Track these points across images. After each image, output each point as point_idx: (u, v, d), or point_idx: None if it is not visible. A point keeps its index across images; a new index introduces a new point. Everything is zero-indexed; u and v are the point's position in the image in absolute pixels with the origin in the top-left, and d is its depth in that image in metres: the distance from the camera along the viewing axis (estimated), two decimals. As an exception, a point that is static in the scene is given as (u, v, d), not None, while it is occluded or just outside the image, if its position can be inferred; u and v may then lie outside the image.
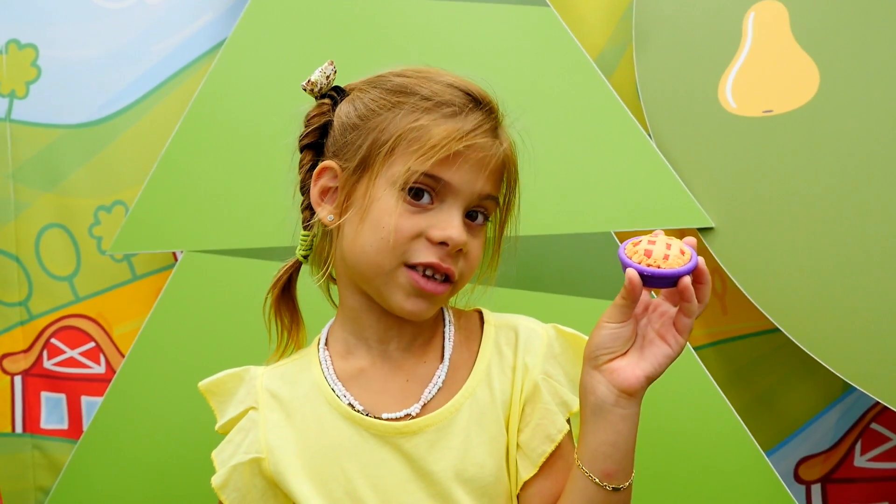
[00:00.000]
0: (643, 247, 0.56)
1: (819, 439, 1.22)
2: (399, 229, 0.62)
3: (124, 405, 1.20)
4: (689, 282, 0.55)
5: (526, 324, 0.71)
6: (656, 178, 1.13)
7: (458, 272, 0.64)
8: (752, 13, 1.11)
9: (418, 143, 0.62)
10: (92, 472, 1.20)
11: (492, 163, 0.64)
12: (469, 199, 0.64)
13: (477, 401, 0.66)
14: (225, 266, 1.19)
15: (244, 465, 0.67)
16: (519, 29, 1.17)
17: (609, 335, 0.58)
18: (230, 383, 0.72)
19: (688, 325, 0.57)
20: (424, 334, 0.69)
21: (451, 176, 0.62)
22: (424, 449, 0.64)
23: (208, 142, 1.22)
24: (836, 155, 1.05)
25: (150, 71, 1.31)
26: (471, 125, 0.63)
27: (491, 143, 0.64)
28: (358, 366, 0.68)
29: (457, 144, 0.61)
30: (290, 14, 1.23)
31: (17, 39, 1.32)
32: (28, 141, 1.32)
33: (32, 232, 1.32)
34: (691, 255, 0.56)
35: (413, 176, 0.61)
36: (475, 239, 0.66)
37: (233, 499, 0.68)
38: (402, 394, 0.67)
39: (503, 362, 0.68)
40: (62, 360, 1.32)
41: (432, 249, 0.62)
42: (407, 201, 0.62)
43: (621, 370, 0.58)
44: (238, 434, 0.69)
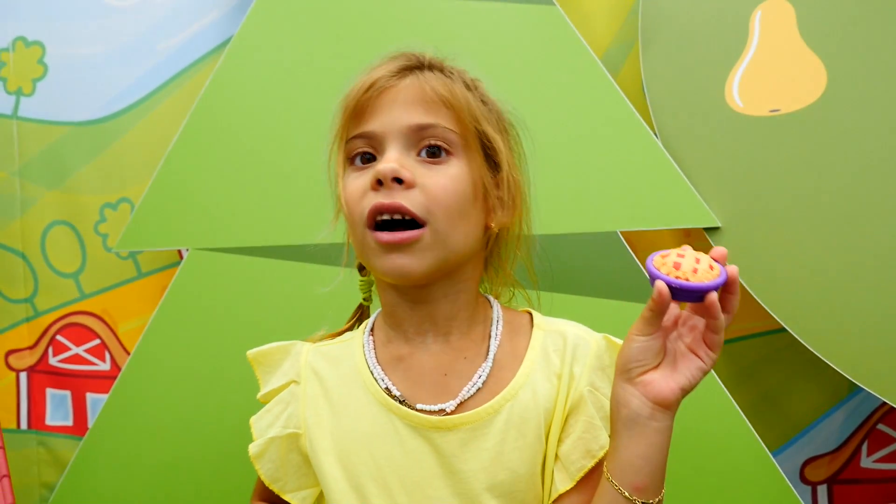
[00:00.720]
0: (672, 259, 0.56)
1: (825, 440, 1.22)
2: (350, 194, 0.63)
3: (129, 402, 1.20)
4: (715, 298, 0.55)
5: (575, 331, 0.69)
6: (662, 177, 1.12)
7: (416, 208, 0.60)
8: (758, 12, 1.11)
9: (341, 118, 0.65)
10: (97, 469, 1.20)
11: (409, 96, 0.63)
12: (402, 136, 0.62)
13: (518, 404, 0.64)
14: (230, 264, 1.19)
15: (281, 438, 0.69)
16: (525, 27, 1.17)
17: (639, 348, 0.57)
18: (277, 355, 0.73)
19: (717, 341, 0.57)
20: (462, 329, 0.67)
21: (373, 124, 0.63)
22: (456, 446, 0.63)
23: (214, 139, 1.22)
24: (843, 155, 1.05)
25: (157, 68, 1.31)
26: (375, 73, 0.64)
27: (397, 79, 0.64)
28: (397, 353, 0.68)
29: (361, 93, 0.63)
30: (296, 12, 1.23)
31: (24, 37, 1.32)
32: (34, 138, 1.32)
33: (38, 229, 1.32)
34: (720, 270, 0.56)
35: (347, 145, 0.64)
36: (433, 173, 0.62)
37: (267, 469, 0.69)
38: (438, 387, 0.66)
39: (549, 368, 0.66)
40: (67, 357, 1.32)
41: (374, 194, 0.61)
42: (354, 168, 0.65)
43: (655, 382, 0.57)
44: (277, 405, 0.70)
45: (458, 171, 0.63)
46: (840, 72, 1.06)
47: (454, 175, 0.63)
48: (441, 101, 0.63)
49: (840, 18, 1.06)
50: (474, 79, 0.69)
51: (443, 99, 0.63)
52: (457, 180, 0.63)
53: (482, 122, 0.65)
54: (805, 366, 1.17)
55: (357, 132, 0.64)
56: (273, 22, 1.23)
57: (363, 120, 0.64)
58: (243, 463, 1.15)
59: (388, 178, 0.60)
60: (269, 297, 1.18)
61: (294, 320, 1.16)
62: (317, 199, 1.19)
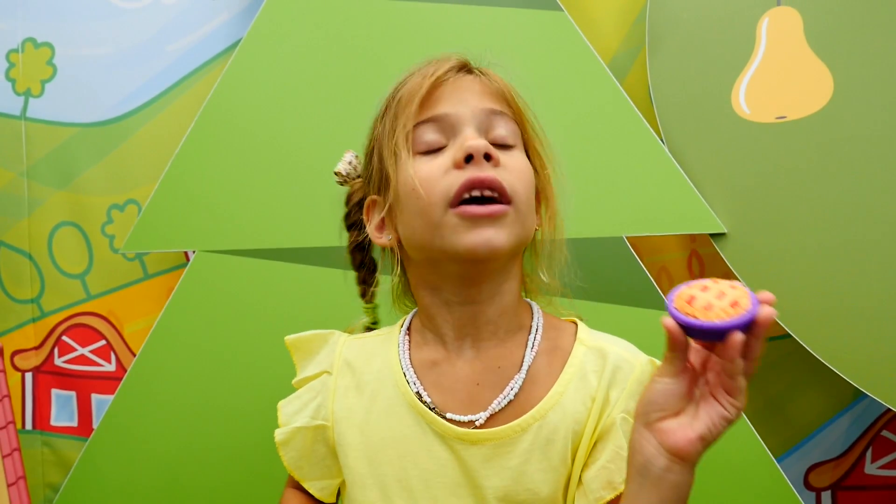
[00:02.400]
0: (690, 291, 0.51)
1: (829, 446, 1.22)
2: (427, 173, 0.61)
3: (135, 404, 1.20)
4: (736, 340, 0.48)
5: (619, 351, 0.65)
6: (668, 182, 1.13)
7: (506, 185, 0.60)
8: (766, 19, 1.11)
9: (402, 107, 0.64)
10: (102, 470, 1.20)
11: (476, 86, 0.64)
12: (476, 120, 0.63)
13: (547, 424, 0.62)
14: (237, 266, 1.20)
15: (308, 429, 0.69)
16: (533, 33, 1.18)
17: (660, 391, 0.52)
18: (315, 342, 0.73)
19: (733, 387, 0.50)
20: (501, 335, 0.65)
21: (442, 108, 0.63)
22: (479, 461, 0.62)
23: (222, 142, 1.22)
24: (849, 162, 1.05)
25: (165, 70, 1.32)
26: (434, 68, 0.65)
27: (461, 75, 0.65)
28: (432, 358, 0.67)
29: (430, 80, 0.63)
30: (304, 16, 1.23)
31: (34, 38, 1.33)
32: (43, 139, 1.32)
33: (45, 229, 1.32)
34: (748, 309, 0.49)
35: (413, 132, 0.63)
36: (510, 156, 0.63)
37: (290, 457, 0.70)
38: (470, 397, 0.64)
39: (585, 389, 0.63)
40: (73, 358, 1.33)
41: (464, 171, 0.60)
42: (419, 154, 0.63)
43: (673, 431, 0.51)
44: (308, 393, 0.71)
45: (524, 160, 0.65)
46: (847, 79, 1.06)
47: (524, 162, 0.65)
48: (503, 97, 0.65)
49: (847, 26, 1.07)
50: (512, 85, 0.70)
51: (504, 95, 0.65)
52: (527, 167, 0.64)
53: (532, 121, 0.67)
54: (810, 372, 1.17)
55: (427, 116, 0.63)
56: (282, 25, 1.23)
57: (433, 106, 0.63)
58: (249, 464, 1.16)
59: (480, 153, 0.60)
60: (275, 299, 1.19)
61: (299, 322, 1.16)
62: (324, 201, 1.19)
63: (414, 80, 0.65)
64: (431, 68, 0.65)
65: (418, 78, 0.64)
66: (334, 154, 1.18)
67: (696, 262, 1.24)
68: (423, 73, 0.65)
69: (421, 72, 0.65)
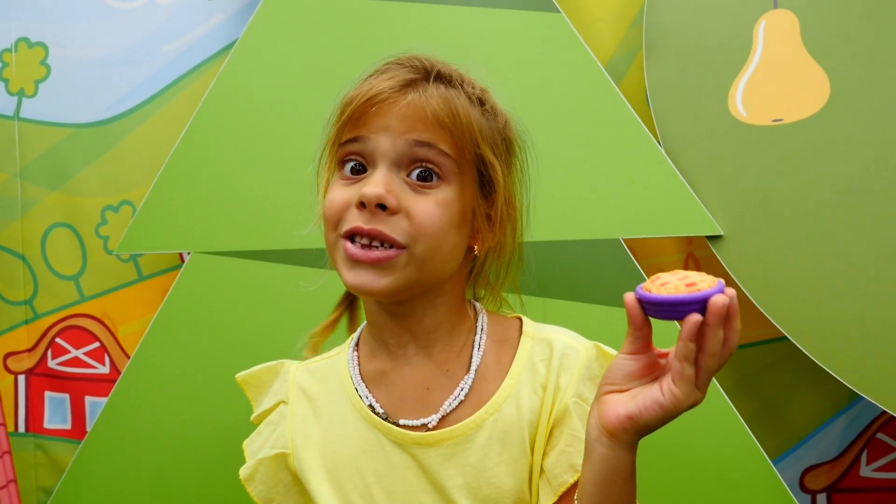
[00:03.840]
0: (660, 274, 0.53)
1: (825, 448, 1.22)
2: (331, 202, 0.61)
3: (128, 406, 1.19)
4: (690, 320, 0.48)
5: (564, 339, 0.66)
6: (665, 185, 1.13)
7: (398, 235, 0.58)
8: (762, 22, 1.11)
9: (337, 116, 0.63)
10: (95, 473, 1.19)
11: (409, 112, 0.59)
12: (395, 153, 0.60)
13: (502, 418, 0.63)
14: (232, 268, 1.19)
15: (270, 459, 0.69)
16: (530, 35, 1.17)
17: (615, 364, 0.54)
18: (265, 376, 0.73)
19: (679, 372, 0.49)
20: (444, 340, 0.66)
21: (367, 130, 0.60)
22: (439, 462, 0.63)
23: (217, 143, 1.22)
24: (845, 164, 1.05)
25: (160, 71, 1.31)
26: (376, 81, 0.61)
27: (396, 91, 0.60)
28: (380, 368, 0.67)
29: (359, 98, 0.60)
30: (300, 16, 1.23)
31: (27, 38, 1.32)
32: (36, 139, 1.31)
33: (39, 231, 1.31)
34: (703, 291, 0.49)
35: (337, 149, 0.62)
36: (422, 199, 0.59)
37: (259, 491, 0.69)
38: (420, 402, 0.65)
39: (535, 379, 0.64)
40: (66, 360, 1.32)
41: (357, 214, 0.59)
42: (343, 177, 0.62)
43: (609, 404, 0.53)
44: (267, 427, 0.71)
45: (447, 196, 0.61)
46: (843, 82, 1.06)
47: (442, 201, 0.60)
48: (442, 123, 0.60)
49: (843, 29, 1.07)
50: (483, 89, 0.66)
51: (441, 122, 0.60)
52: (444, 207, 0.60)
53: (481, 144, 0.62)
54: (806, 374, 1.18)
55: (351, 136, 0.62)
56: (277, 26, 1.23)
57: (359, 127, 0.61)
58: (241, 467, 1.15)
59: (371, 203, 0.58)
60: (269, 300, 1.18)
61: (294, 323, 1.15)
62: (318, 203, 1.19)
63: (352, 95, 0.62)
64: (372, 86, 0.61)
65: (356, 93, 0.61)
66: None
67: (692, 264, 1.24)
68: (366, 86, 0.61)
69: (370, 79, 0.62)
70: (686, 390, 0.49)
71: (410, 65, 0.63)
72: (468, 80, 0.65)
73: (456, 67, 0.66)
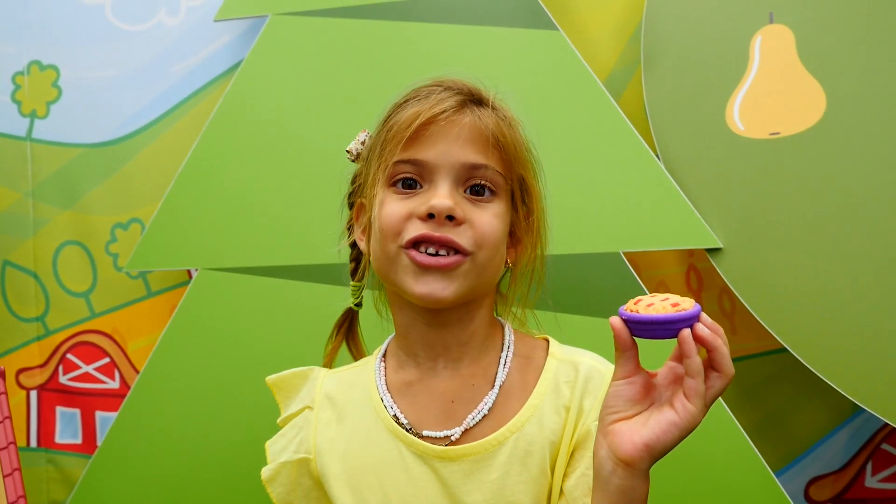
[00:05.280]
0: (640, 297, 0.55)
1: (829, 459, 1.22)
2: (389, 214, 0.63)
3: (138, 421, 1.21)
4: (686, 335, 0.50)
5: (590, 362, 0.67)
6: (664, 198, 1.14)
7: (465, 242, 0.62)
8: (759, 37, 1.13)
9: (391, 136, 0.64)
10: (105, 487, 1.21)
11: (465, 133, 0.63)
12: (454, 172, 0.63)
13: (524, 437, 0.64)
14: (238, 284, 1.21)
15: (293, 463, 0.70)
16: (529, 52, 1.19)
17: (612, 392, 0.54)
18: (295, 380, 0.75)
19: (694, 388, 0.50)
20: (473, 354, 0.67)
21: (426, 154, 0.63)
22: (459, 477, 0.63)
23: (224, 161, 1.24)
24: (842, 177, 1.06)
25: (168, 91, 1.34)
26: (432, 103, 0.63)
27: (456, 112, 0.63)
28: (407, 379, 0.68)
29: (416, 122, 0.62)
30: (304, 37, 1.25)
31: (39, 60, 1.36)
32: (48, 159, 1.35)
33: (50, 248, 1.34)
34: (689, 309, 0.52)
35: (391, 169, 0.64)
36: (481, 211, 0.63)
37: (279, 493, 0.71)
38: (445, 414, 0.66)
39: (558, 400, 0.65)
40: (77, 376, 1.34)
41: (422, 224, 0.62)
42: (396, 191, 0.64)
43: (621, 434, 0.52)
44: (291, 430, 0.72)
45: (500, 209, 0.65)
46: (839, 96, 1.07)
47: (497, 213, 0.64)
48: (495, 144, 0.63)
49: (839, 43, 1.08)
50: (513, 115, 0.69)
51: (497, 142, 0.64)
52: (499, 218, 0.64)
53: (521, 168, 0.67)
54: (808, 385, 1.18)
55: (407, 157, 0.64)
56: (281, 46, 1.25)
57: (416, 147, 0.63)
58: (251, 481, 1.16)
59: (442, 215, 0.61)
60: (276, 316, 1.20)
61: (301, 339, 1.18)
62: (324, 219, 1.21)
63: (409, 112, 0.64)
64: (427, 104, 0.64)
65: (414, 109, 0.64)
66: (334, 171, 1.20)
67: (693, 276, 1.25)
68: (420, 107, 0.64)
69: (420, 102, 0.65)
70: (700, 405, 0.51)
71: (455, 88, 0.66)
72: (501, 106, 0.68)
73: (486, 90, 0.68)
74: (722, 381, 0.52)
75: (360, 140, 0.73)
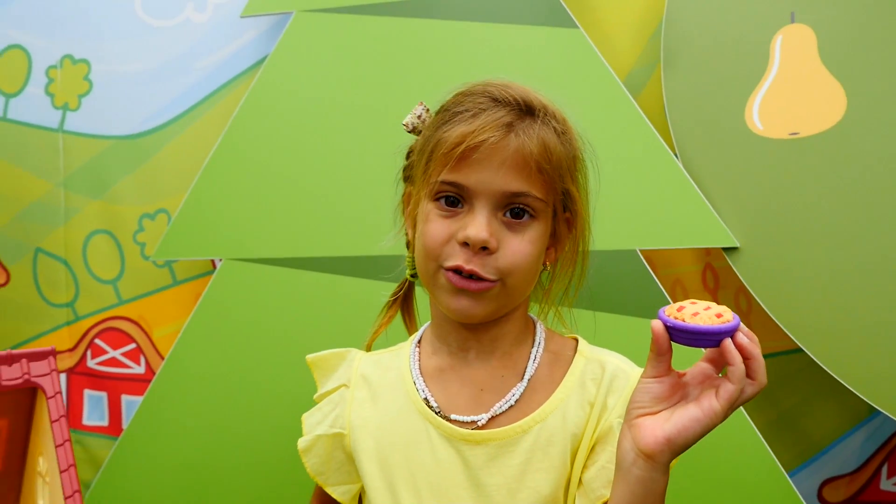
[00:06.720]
0: (680, 304, 0.56)
1: (844, 461, 1.22)
2: (432, 235, 0.66)
3: (163, 405, 1.25)
4: (730, 344, 0.53)
5: (616, 362, 0.70)
6: (682, 197, 1.14)
7: (491, 272, 0.64)
8: (779, 36, 1.12)
9: (437, 153, 0.66)
10: (131, 468, 1.25)
11: (508, 161, 0.64)
12: (494, 199, 0.64)
13: (547, 427, 0.67)
14: (261, 274, 1.24)
15: (327, 437, 0.74)
16: (549, 50, 1.20)
17: (641, 388, 0.57)
18: (333, 360, 0.78)
19: (728, 392, 0.53)
20: (505, 348, 0.70)
21: (467, 179, 0.64)
22: (483, 460, 0.66)
23: (248, 154, 1.27)
24: (861, 178, 1.06)
25: (195, 85, 1.37)
26: (477, 125, 0.64)
27: (502, 138, 0.63)
28: (439, 365, 0.72)
29: (460, 147, 0.63)
30: (327, 33, 1.28)
31: (72, 55, 1.39)
32: (79, 151, 1.39)
33: (80, 237, 1.38)
34: (731, 319, 0.54)
35: (436, 186, 0.66)
36: (516, 238, 0.65)
37: (313, 464, 0.75)
38: (474, 401, 0.69)
39: (583, 395, 0.68)
40: (105, 360, 1.38)
41: (460, 252, 0.65)
42: (439, 208, 0.66)
43: (644, 428, 0.55)
44: (328, 405, 0.76)
45: (536, 233, 0.66)
46: (859, 96, 1.07)
47: (533, 238, 0.66)
48: (538, 168, 0.64)
49: (860, 44, 1.08)
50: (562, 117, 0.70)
51: (540, 167, 0.65)
52: (534, 243, 0.66)
53: (567, 179, 0.68)
54: (824, 386, 1.18)
55: (450, 180, 0.65)
56: (305, 43, 1.28)
57: (459, 171, 0.65)
58: (273, 465, 1.20)
59: (476, 246, 0.64)
60: (298, 306, 1.23)
61: (322, 329, 1.21)
62: (345, 212, 1.24)
63: (456, 133, 0.64)
64: (474, 126, 0.64)
65: (461, 129, 0.64)
66: (360, 164, 1.23)
67: (710, 274, 1.25)
68: (466, 129, 0.64)
69: (467, 122, 0.65)
70: (727, 408, 0.54)
71: (504, 101, 0.66)
72: (550, 109, 0.68)
73: (534, 92, 0.69)
74: (754, 389, 0.54)
75: (416, 113, 0.73)
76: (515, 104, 0.66)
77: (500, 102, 0.66)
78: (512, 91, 0.67)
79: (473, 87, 0.68)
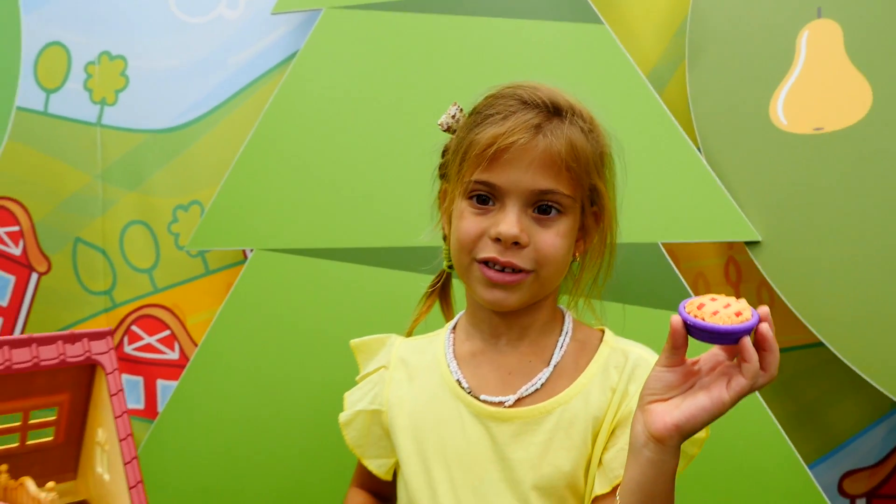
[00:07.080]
0: (701, 300, 0.57)
1: (865, 454, 1.22)
2: (466, 230, 0.70)
3: (196, 390, 1.30)
4: (747, 342, 0.54)
5: (639, 352, 0.73)
6: (704, 191, 1.15)
7: (527, 263, 0.69)
8: (806, 31, 1.13)
9: (470, 154, 0.70)
10: (166, 449, 1.30)
11: (537, 160, 0.67)
12: (524, 197, 0.68)
13: (570, 409, 0.71)
14: (292, 264, 1.28)
15: (367, 412, 0.80)
16: (574, 45, 1.22)
17: (654, 376, 0.59)
18: (374, 345, 0.84)
19: (740, 385, 0.55)
20: (533, 336, 0.74)
21: (498, 178, 0.68)
22: (509, 436, 0.71)
23: (279, 147, 1.31)
24: (885, 174, 1.06)
25: (228, 80, 1.41)
26: (507, 126, 0.67)
27: (531, 139, 0.67)
28: (472, 350, 0.77)
29: (492, 149, 0.67)
30: (356, 29, 1.31)
31: (109, 51, 1.44)
32: (116, 144, 1.43)
33: (118, 227, 1.43)
34: (750, 319, 0.55)
35: (469, 185, 0.70)
36: (546, 232, 0.69)
37: (352, 437, 0.81)
38: (502, 383, 0.74)
39: (606, 382, 0.71)
40: (141, 346, 1.43)
41: (492, 245, 0.69)
42: (472, 206, 0.71)
43: (655, 413, 0.58)
44: (367, 384, 0.82)
45: (565, 227, 0.70)
46: (885, 91, 1.07)
47: (562, 232, 0.70)
48: (566, 167, 0.68)
49: (887, 39, 1.07)
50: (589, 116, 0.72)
51: (568, 166, 0.68)
52: (563, 236, 0.70)
53: (594, 176, 0.72)
54: (845, 380, 1.18)
55: (482, 179, 0.69)
56: (335, 39, 1.31)
57: (491, 171, 0.68)
58: (302, 450, 1.24)
59: (508, 242, 0.68)
60: (327, 296, 1.27)
61: (351, 320, 1.24)
62: (372, 204, 1.27)
63: (487, 135, 0.68)
64: (504, 127, 0.67)
65: (492, 131, 0.68)
66: (387, 157, 1.26)
67: (732, 268, 1.26)
68: (497, 130, 0.67)
69: (498, 124, 0.68)
70: (736, 398, 0.55)
71: (533, 103, 0.69)
72: (577, 109, 0.72)
73: (561, 92, 0.72)
74: (764, 380, 0.56)
75: (451, 114, 0.77)
76: (544, 106, 0.69)
77: (529, 104, 0.69)
78: (540, 93, 0.70)
79: (503, 90, 0.72)
